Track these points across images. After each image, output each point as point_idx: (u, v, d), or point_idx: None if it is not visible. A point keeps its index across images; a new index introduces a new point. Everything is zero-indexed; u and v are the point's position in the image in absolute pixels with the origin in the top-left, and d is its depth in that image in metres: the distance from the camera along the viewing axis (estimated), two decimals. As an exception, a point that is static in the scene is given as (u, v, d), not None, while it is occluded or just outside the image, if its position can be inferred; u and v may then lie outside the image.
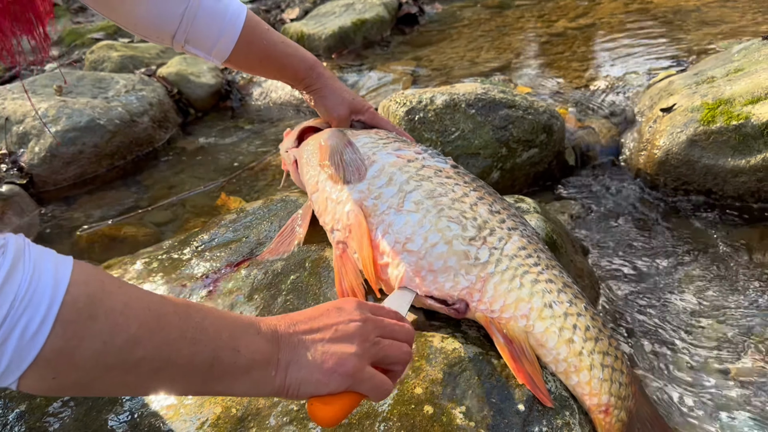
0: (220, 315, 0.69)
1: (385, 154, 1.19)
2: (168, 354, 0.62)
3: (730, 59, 1.80)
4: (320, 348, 0.72)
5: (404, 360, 0.78)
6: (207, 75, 2.93)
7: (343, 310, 0.77)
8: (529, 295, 0.96)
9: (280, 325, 0.73)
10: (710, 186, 1.59)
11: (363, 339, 0.74)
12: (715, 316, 1.37)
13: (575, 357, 0.92)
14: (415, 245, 1.02)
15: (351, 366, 0.71)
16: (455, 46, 2.97)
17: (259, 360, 0.69)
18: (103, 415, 1.03)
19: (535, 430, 0.86)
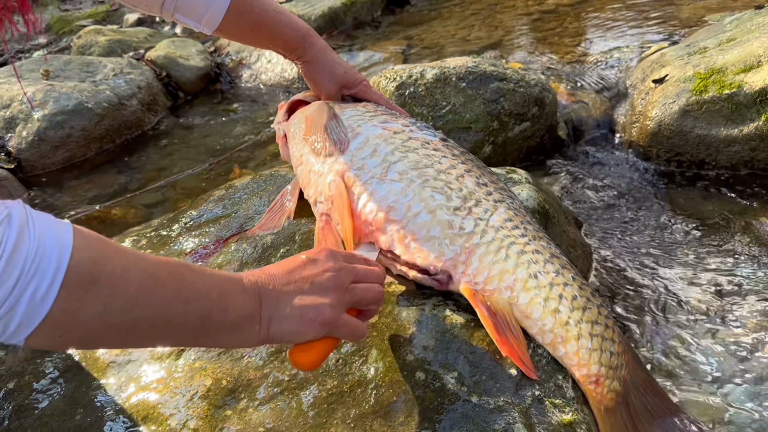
0: (210, 274, 0.73)
1: (371, 126, 1.17)
2: (164, 314, 0.66)
3: (722, 30, 1.78)
4: (298, 301, 0.76)
5: (378, 299, 0.84)
6: (196, 58, 2.90)
7: (317, 261, 0.81)
8: (514, 267, 0.94)
9: (261, 280, 0.76)
10: (703, 156, 1.58)
11: (337, 288, 0.79)
12: (709, 285, 1.36)
13: (561, 327, 0.90)
14: (398, 214, 1.01)
15: (328, 315, 0.76)
16: (446, 24, 2.95)
17: (245, 317, 0.73)
18: (92, 391, 1.02)
19: (528, 394, 0.86)
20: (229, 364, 1.00)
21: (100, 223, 1.96)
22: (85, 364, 1.07)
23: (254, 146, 2.31)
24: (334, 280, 0.79)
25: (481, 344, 0.91)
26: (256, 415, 0.91)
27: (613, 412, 0.89)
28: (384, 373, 0.90)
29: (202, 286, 0.70)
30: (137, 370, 1.03)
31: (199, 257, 1.22)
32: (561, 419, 0.83)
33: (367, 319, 0.86)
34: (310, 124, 1.24)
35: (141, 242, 1.34)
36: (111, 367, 1.05)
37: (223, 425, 0.90)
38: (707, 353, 1.23)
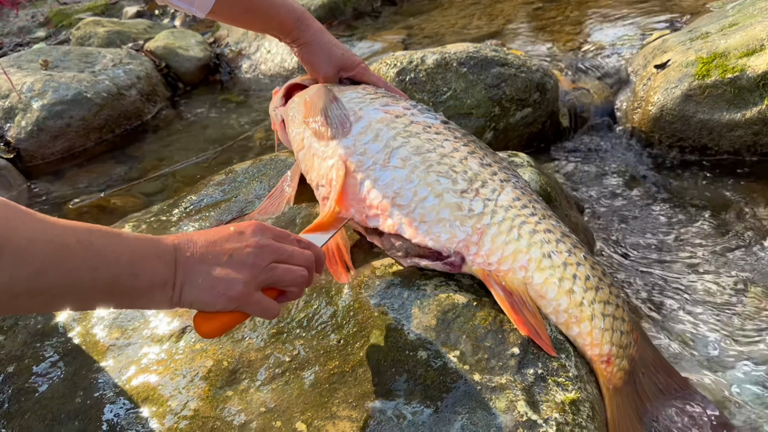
0: (121, 240, 0.73)
1: (372, 110, 1.16)
2: (71, 281, 0.67)
3: (724, 15, 1.77)
4: (213, 273, 0.76)
5: (299, 283, 0.82)
6: (195, 48, 2.89)
7: (243, 234, 0.80)
8: (528, 246, 0.94)
9: (180, 246, 0.76)
10: (705, 141, 1.57)
11: (255, 266, 0.78)
12: (712, 269, 1.36)
13: (576, 308, 0.91)
14: (405, 200, 1.00)
15: (237, 291, 0.76)
16: (446, 14, 2.93)
17: (158, 282, 0.73)
18: (92, 373, 1.01)
19: (530, 372, 0.85)
20: (230, 345, 0.99)
21: (100, 212, 1.95)
22: (85, 347, 1.07)
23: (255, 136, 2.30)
24: (253, 257, 0.78)
25: (483, 323, 0.91)
26: (258, 395, 0.90)
27: (621, 390, 0.91)
28: (385, 353, 0.90)
29: (111, 253, 0.70)
30: (137, 352, 1.03)
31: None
32: (564, 397, 0.82)
33: (286, 300, 0.84)
34: (311, 107, 1.22)
35: (141, 227, 1.33)
36: (111, 350, 1.04)
37: (224, 406, 0.90)
38: (712, 336, 1.23)
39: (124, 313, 1.10)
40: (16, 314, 0.70)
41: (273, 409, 0.88)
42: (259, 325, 1.01)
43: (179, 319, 1.06)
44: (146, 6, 4.83)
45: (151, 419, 0.91)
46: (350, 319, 0.96)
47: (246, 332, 1.00)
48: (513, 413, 0.79)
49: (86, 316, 1.12)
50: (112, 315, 1.11)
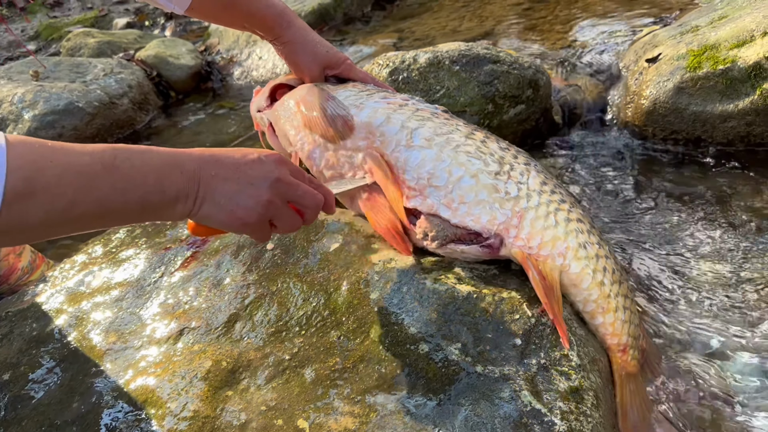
0: (146, 158, 0.75)
1: (373, 103, 1.15)
2: (103, 206, 0.71)
3: (713, 8, 1.78)
4: (234, 197, 0.79)
5: (295, 228, 0.87)
6: (186, 57, 2.88)
7: (264, 164, 0.82)
8: (565, 234, 0.96)
9: (205, 164, 0.79)
10: (699, 133, 1.57)
11: (271, 200, 0.81)
12: (709, 260, 1.35)
13: (605, 299, 0.94)
14: (440, 180, 1.00)
15: (253, 221, 0.81)
16: (437, 17, 2.94)
17: (182, 196, 0.77)
18: (89, 378, 1.00)
19: (533, 362, 0.84)
20: (229, 345, 0.98)
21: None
22: (81, 352, 1.06)
23: (248, 141, 2.29)
24: (272, 191, 0.81)
25: (485, 315, 0.90)
26: (258, 394, 0.89)
27: (634, 377, 0.95)
28: (386, 347, 0.89)
29: (137, 174, 0.73)
30: (135, 355, 1.01)
31: (193, 244, 1.21)
32: (568, 386, 0.82)
33: (276, 232, 0.88)
34: (307, 109, 1.19)
35: (136, 231, 1.32)
36: (108, 354, 1.03)
37: (225, 406, 0.89)
38: (709, 326, 1.22)
39: (120, 317, 1.09)
40: (53, 237, 0.73)
41: (274, 408, 0.87)
42: (257, 324, 1.00)
43: (176, 321, 1.05)
44: (136, 17, 4.83)
45: (150, 422, 0.90)
46: (350, 316, 0.95)
47: (245, 332, 0.99)
48: (517, 403, 0.79)
49: (82, 321, 1.11)
50: (109, 319, 1.09)
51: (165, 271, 1.16)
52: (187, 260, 1.16)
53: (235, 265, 1.11)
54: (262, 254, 1.11)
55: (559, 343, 0.87)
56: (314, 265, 1.06)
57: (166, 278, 1.14)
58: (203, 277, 1.11)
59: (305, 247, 1.10)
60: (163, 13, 4.72)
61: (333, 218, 1.14)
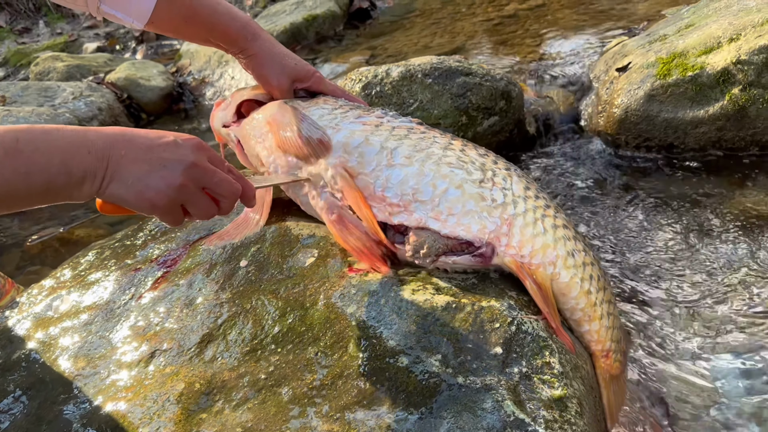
0: (51, 141, 0.74)
1: (349, 124, 1.11)
2: (6, 190, 0.70)
3: (680, 17, 1.81)
4: (145, 178, 0.78)
5: (209, 215, 0.86)
6: (157, 78, 2.86)
7: (181, 147, 0.81)
8: (554, 242, 0.95)
9: (115, 144, 0.77)
10: (671, 140, 1.58)
11: (184, 185, 0.80)
12: (686, 265, 1.36)
13: (591, 308, 0.94)
14: (425, 195, 0.98)
15: (163, 203, 0.79)
16: (409, 34, 2.95)
17: (90, 176, 0.75)
18: (57, 406, 0.96)
19: (515, 371, 0.83)
20: (202, 366, 0.95)
21: (64, 245, 1.89)
22: (49, 379, 1.01)
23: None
24: (186, 175, 0.80)
25: (464, 325, 0.88)
26: (233, 415, 0.86)
27: (617, 378, 0.97)
28: (365, 361, 0.87)
29: (41, 157, 0.72)
30: (105, 380, 0.98)
31: (164, 264, 1.17)
32: (551, 394, 0.80)
33: (190, 219, 0.87)
34: (281, 129, 1.14)
35: (104, 253, 1.28)
36: (77, 380, 0.99)
37: (199, 429, 0.85)
38: (689, 331, 1.22)
39: (89, 341, 1.06)
40: None
41: (250, 429, 0.83)
42: (232, 344, 0.97)
43: (147, 344, 1.01)
44: (107, 42, 4.80)
45: (121, 449, 0.86)
46: (327, 331, 0.93)
47: (218, 352, 0.96)
48: (500, 413, 0.77)
49: (49, 348, 1.07)
50: (78, 344, 1.06)
51: (135, 292, 1.12)
52: (157, 281, 1.13)
53: (208, 283, 1.08)
54: (236, 272, 1.09)
55: (540, 352, 0.85)
56: (289, 280, 1.04)
57: (136, 300, 1.10)
58: (174, 298, 1.08)
59: (280, 263, 1.08)
60: (134, 36, 4.70)
61: (308, 232, 1.12)
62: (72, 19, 5.57)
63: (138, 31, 4.61)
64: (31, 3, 5.66)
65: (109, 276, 1.18)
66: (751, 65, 1.43)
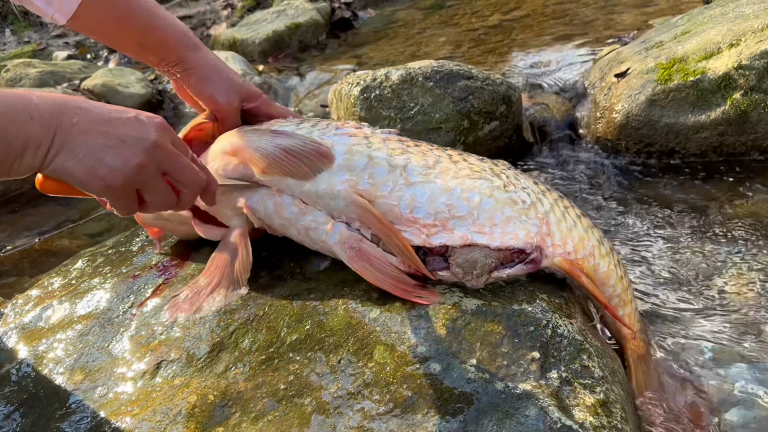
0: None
1: (335, 137, 0.98)
2: None
3: (675, 25, 1.82)
4: (98, 152, 0.69)
5: (167, 206, 0.79)
6: (136, 85, 2.78)
7: (143, 125, 0.73)
8: (585, 232, 0.94)
9: (66, 110, 0.69)
10: (672, 145, 1.58)
11: (142, 165, 0.72)
12: (691, 270, 1.34)
13: (625, 292, 0.96)
14: (462, 210, 0.90)
15: (117, 183, 0.71)
16: (393, 43, 2.93)
17: (32, 146, 0.67)
18: (54, 423, 0.89)
19: (554, 376, 0.79)
20: (215, 377, 0.89)
21: (42, 256, 1.80)
22: (43, 393, 0.94)
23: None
24: (146, 154, 0.72)
25: (497, 329, 0.84)
26: (253, 428, 0.80)
27: (643, 358, 1.00)
28: (394, 369, 0.82)
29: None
30: (106, 393, 0.91)
31: (164, 270, 1.11)
32: (594, 399, 0.76)
33: (145, 210, 0.79)
34: (260, 150, 0.95)
35: (97, 260, 1.21)
36: (75, 394, 0.92)
37: (216, 443, 0.79)
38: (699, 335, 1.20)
39: (86, 353, 0.98)
40: None
41: (273, 443, 0.78)
42: (245, 352, 0.91)
43: (152, 354, 0.95)
44: (77, 50, 4.68)
45: (130, 467, 0.79)
46: (349, 337, 0.88)
47: (232, 361, 0.90)
48: (546, 420, 0.73)
49: (42, 361, 0.99)
50: (73, 357, 0.98)
51: (135, 300, 1.06)
52: (159, 287, 1.07)
53: (215, 290, 1.02)
54: (245, 277, 1.03)
55: (578, 355, 0.82)
56: (304, 284, 0.98)
57: (137, 308, 1.04)
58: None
59: (292, 268, 1.03)
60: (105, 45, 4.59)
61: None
62: (40, 28, 5.43)
63: (58, 28, 4.48)
64: (-3, 11, 5.50)
65: (105, 284, 1.11)
66: (752, 70, 1.44)
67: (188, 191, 0.79)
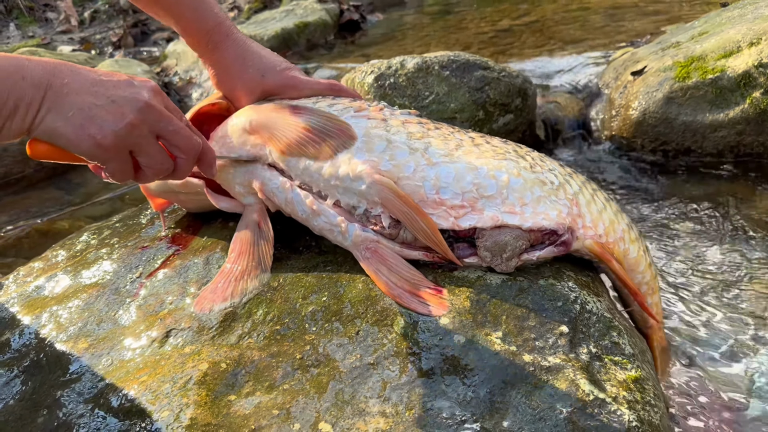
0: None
1: (352, 119, 0.94)
2: None
3: (691, 27, 1.81)
4: (88, 110, 0.68)
5: (163, 171, 0.76)
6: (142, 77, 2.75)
7: (135, 87, 0.72)
8: (615, 215, 0.90)
9: (58, 71, 0.68)
10: (689, 144, 1.56)
11: (134, 124, 0.70)
12: (701, 270, 1.32)
13: (653, 279, 0.93)
14: (491, 189, 0.86)
15: (108, 141, 0.69)
16: (402, 44, 2.93)
17: (23, 105, 0.66)
18: (56, 390, 0.85)
19: (584, 351, 0.76)
20: (227, 346, 0.85)
21: (42, 237, 1.77)
22: (46, 361, 0.90)
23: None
24: (137, 113, 0.70)
25: (523, 302, 0.81)
26: (267, 397, 0.77)
27: (666, 350, 1.00)
28: (415, 340, 0.79)
29: None
30: (112, 361, 0.87)
31: (174, 242, 1.08)
32: (626, 375, 0.73)
33: (138, 178, 0.77)
34: (281, 127, 0.92)
35: (104, 233, 1.18)
36: (79, 361, 0.89)
37: (228, 411, 0.76)
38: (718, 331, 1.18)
39: (91, 321, 0.95)
40: None
41: (288, 411, 0.74)
42: (259, 322, 0.88)
43: (161, 323, 0.91)
44: (81, 46, 4.66)
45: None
46: (367, 309, 0.85)
47: (245, 331, 0.87)
48: (577, 392, 0.69)
49: (44, 329, 0.96)
50: (78, 325, 0.95)
51: (144, 270, 1.02)
52: (169, 258, 1.03)
53: (227, 261, 0.99)
54: (259, 249, 1.00)
55: (608, 332, 0.79)
56: (320, 258, 0.95)
57: (146, 278, 1.00)
58: (190, 275, 0.98)
59: (308, 242, 1.00)
60: (111, 41, 4.58)
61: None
62: (45, 23, 5.42)
63: (116, 37, 4.50)
64: (2, 5, 5.49)
65: (113, 254, 1.08)
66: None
67: (184, 156, 0.77)
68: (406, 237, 0.88)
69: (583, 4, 3.04)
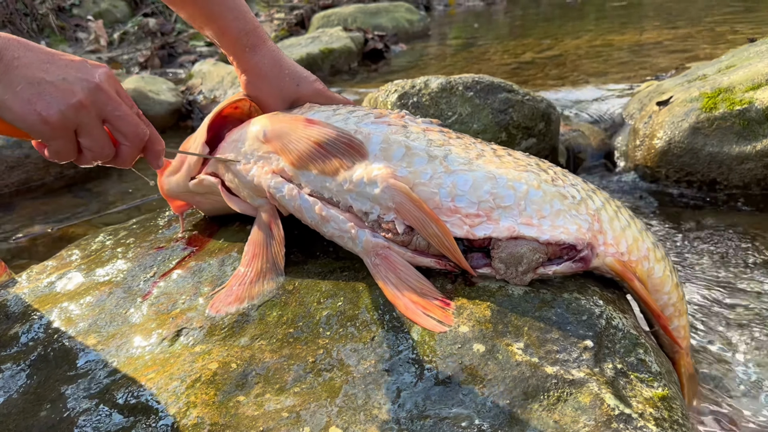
0: None
1: (371, 125, 0.92)
2: None
3: (718, 61, 1.80)
4: (37, 86, 0.67)
5: (104, 156, 0.74)
6: (167, 93, 2.79)
7: (87, 68, 0.71)
8: (640, 233, 0.87)
9: (8, 46, 0.67)
10: (715, 175, 1.53)
11: (83, 104, 0.69)
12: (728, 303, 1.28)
13: (680, 301, 0.89)
14: (508, 200, 0.84)
15: (55, 119, 0.68)
16: (425, 72, 2.94)
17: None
18: (61, 384, 0.83)
19: (609, 367, 0.72)
20: (238, 348, 0.83)
21: (57, 241, 1.76)
22: (53, 356, 0.89)
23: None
24: (86, 93, 0.69)
25: (546, 314, 0.78)
26: (277, 399, 0.74)
27: (693, 378, 0.95)
28: (434, 348, 0.76)
29: None
30: (120, 358, 0.85)
31: (189, 243, 1.06)
32: (653, 393, 0.70)
33: (78, 161, 0.74)
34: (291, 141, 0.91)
35: (120, 233, 1.17)
36: (84, 356, 0.87)
37: (236, 412, 0.73)
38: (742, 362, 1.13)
39: (102, 318, 0.93)
40: None
41: (298, 414, 0.72)
42: (272, 325, 0.85)
43: (173, 321, 0.89)
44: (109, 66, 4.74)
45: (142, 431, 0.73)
46: (384, 315, 0.82)
47: (257, 333, 0.85)
48: (602, 407, 0.66)
49: (53, 323, 0.94)
50: (88, 320, 0.93)
51: (158, 270, 1.01)
52: (184, 259, 1.02)
53: (242, 264, 0.97)
54: (276, 252, 0.98)
55: (634, 349, 0.76)
56: (337, 263, 0.93)
57: (159, 277, 0.99)
58: (204, 276, 0.97)
59: (325, 247, 0.98)
60: (138, 62, 4.66)
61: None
62: (74, 42, 5.53)
63: (143, 58, 4.57)
64: (34, 24, 5.62)
65: (128, 254, 1.07)
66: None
67: (128, 144, 0.75)
68: (419, 243, 0.85)
69: (607, 41, 3.05)
